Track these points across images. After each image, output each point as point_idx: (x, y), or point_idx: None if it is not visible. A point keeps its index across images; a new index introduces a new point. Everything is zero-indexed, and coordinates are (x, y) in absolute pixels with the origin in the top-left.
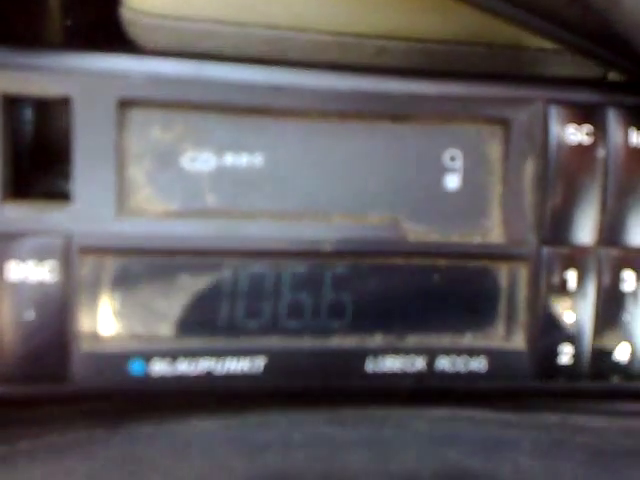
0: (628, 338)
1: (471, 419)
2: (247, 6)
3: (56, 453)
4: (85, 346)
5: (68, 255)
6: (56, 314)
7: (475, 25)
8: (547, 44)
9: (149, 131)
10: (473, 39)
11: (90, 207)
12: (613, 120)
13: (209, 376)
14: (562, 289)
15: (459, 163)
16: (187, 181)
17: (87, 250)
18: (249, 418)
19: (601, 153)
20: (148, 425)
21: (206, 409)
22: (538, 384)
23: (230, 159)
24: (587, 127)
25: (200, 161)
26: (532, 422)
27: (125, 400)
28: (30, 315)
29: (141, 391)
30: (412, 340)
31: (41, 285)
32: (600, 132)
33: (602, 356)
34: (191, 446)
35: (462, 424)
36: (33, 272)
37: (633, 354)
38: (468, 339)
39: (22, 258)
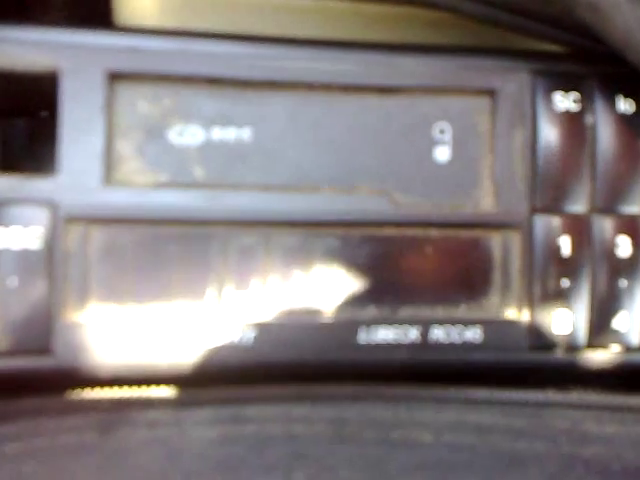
0: (627, 306)
1: (478, 427)
2: None
3: (44, 458)
4: (70, 317)
5: (54, 224)
6: (41, 283)
7: None
8: None
9: (137, 104)
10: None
11: (76, 177)
12: (599, 88)
13: (198, 348)
14: (556, 257)
15: (449, 135)
16: (175, 155)
17: (73, 219)
18: (247, 427)
19: (589, 120)
20: (141, 429)
21: (199, 404)
22: (535, 356)
23: (218, 133)
24: (574, 94)
25: (188, 135)
26: (541, 430)
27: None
28: (13, 282)
29: (126, 367)
30: (405, 312)
31: (25, 252)
32: (587, 99)
33: (600, 324)
34: (184, 454)
35: (468, 435)
36: (17, 239)
37: (632, 323)
38: (462, 310)
39: (6, 224)
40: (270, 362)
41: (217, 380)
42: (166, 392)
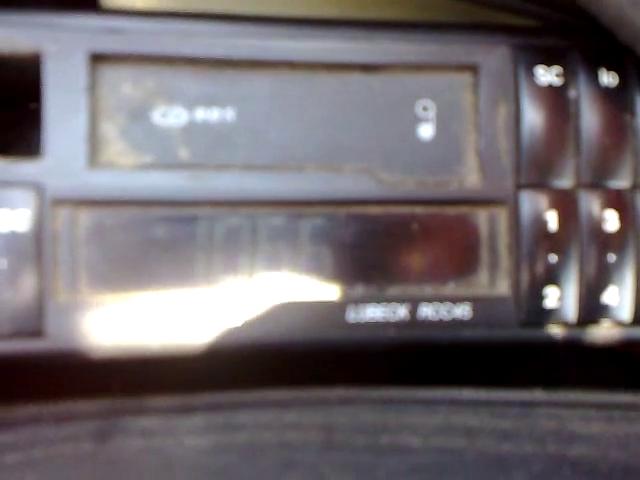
0: (616, 281)
1: (465, 430)
2: None
3: (42, 469)
4: (60, 300)
5: (41, 206)
6: (30, 266)
7: None
8: None
9: (120, 86)
10: None
11: (62, 160)
12: (582, 61)
13: (187, 330)
14: (543, 232)
15: (432, 113)
16: (159, 136)
17: (60, 202)
18: (239, 434)
19: (572, 94)
20: (136, 439)
21: (191, 410)
22: (524, 332)
23: (201, 113)
24: (556, 68)
25: (171, 116)
26: (528, 431)
27: (101, 359)
28: (2, 264)
29: (117, 348)
30: (393, 290)
31: (13, 235)
32: (570, 73)
33: (589, 299)
34: (178, 464)
35: (456, 438)
36: (5, 222)
37: (622, 297)
38: (451, 287)
39: None
40: (259, 342)
41: (206, 361)
42: (159, 399)
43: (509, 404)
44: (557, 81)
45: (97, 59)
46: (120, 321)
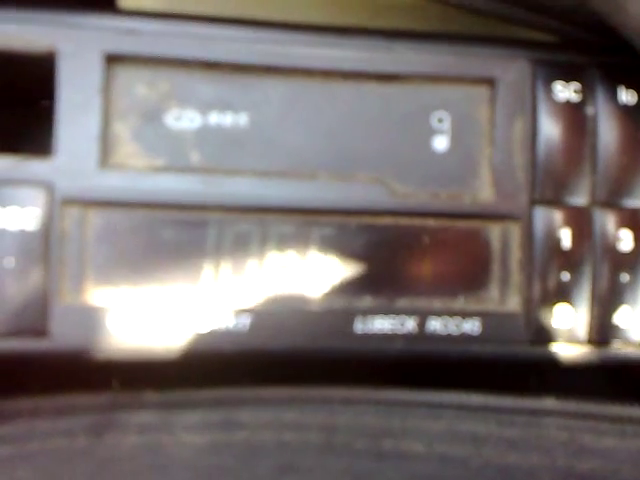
0: (628, 301)
1: (472, 438)
2: None
3: (37, 463)
4: (66, 300)
5: (50, 205)
6: (37, 264)
7: None
8: None
9: (134, 88)
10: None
11: (73, 160)
12: (601, 78)
13: (193, 333)
14: (556, 250)
15: (447, 125)
16: (172, 139)
17: (70, 201)
18: (238, 433)
19: (590, 111)
20: (132, 434)
21: (190, 406)
22: (534, 349)
23: (215, 118)
24: (575, 85)
25: (185, 119)
26: (536, 442)
27: (107, 360)
28: (10, 262)
29: (121, 349)
30: (402, 302)
31: (22, 233)
32: (588, 90)
33: (601, 319)
34: (174, 463)
35: (461, 445)
36: (14, 220)
37: (634, 318)
38: (460, 302)
39: (3, 205)
40: (265, 349)
41: (211, 366)
42: (156, 394)
43: (518, 411)
44: (575, 97)
45: (112, 60)
46: (125, 323)
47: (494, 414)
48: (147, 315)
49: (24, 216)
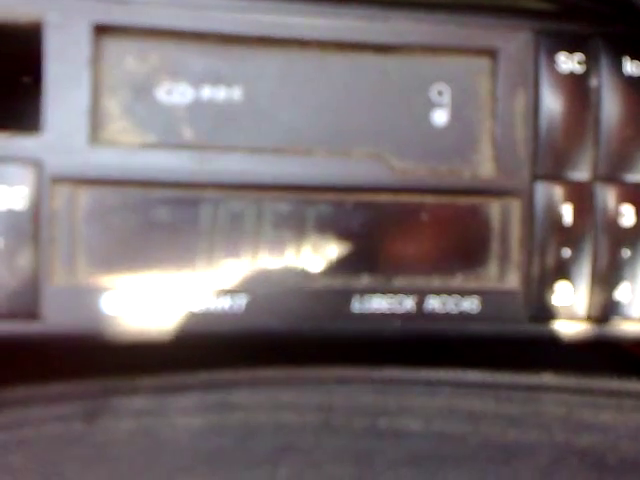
0: (629, 277)
1: (469, 415)
2: None
3: (31, 449)
4: (58, 281)
5: (39, 184)
6: (27, 245)
7: None
8: None
9: (124, 60)
10: None
11: (62, 136)
12: (605, 48)
13: (188, 314)
14: (557, 226)
15: (447, 98)
16: (163, 114)
17: (59, 179)
18: (234, 415)
19: (594, 83)
20: (127, 419)
21: (185, 389)
22: (533, 327)
23: (208, 92)
24: (579, 56)
25: (176, 93)
26: (535, 418)
27: (99, 342)
28: None
29: (115, 332)
30: (400, 281)
31: (11, 213)
32: (592, 61)
33: (601, 295)
34: (169, 447)
35: (459, 423)
36: (2, 199)
37: (635, 294)
38: (459, 280)
39: None
40: (261, 330)
41: (206, 348)
42: (150, 378)
43: (515, 388)
44: (579, 69)
45: (101, 30)
46: (118, 305)
47: (492, 391)
48: (141, 296)
49: (12, 195)
